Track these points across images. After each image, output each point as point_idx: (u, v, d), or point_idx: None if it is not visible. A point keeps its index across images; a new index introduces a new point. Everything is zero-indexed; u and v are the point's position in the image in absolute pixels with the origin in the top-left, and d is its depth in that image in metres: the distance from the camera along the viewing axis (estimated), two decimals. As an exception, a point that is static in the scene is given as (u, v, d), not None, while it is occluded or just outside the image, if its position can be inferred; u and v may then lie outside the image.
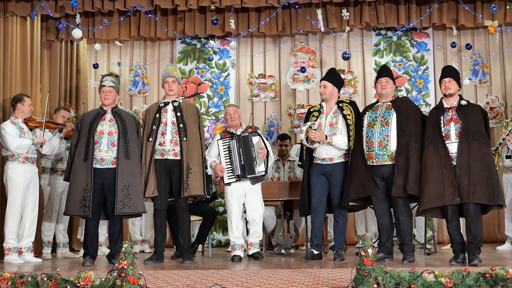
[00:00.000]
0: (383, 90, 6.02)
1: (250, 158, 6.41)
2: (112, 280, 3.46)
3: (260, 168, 6.43)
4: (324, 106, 6.30)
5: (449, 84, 5.72)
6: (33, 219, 6.70)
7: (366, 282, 3.42)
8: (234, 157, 6.44)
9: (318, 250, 6.16)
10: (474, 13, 8.35)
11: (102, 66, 9.35)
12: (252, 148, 6.43)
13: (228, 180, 6.47)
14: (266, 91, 9.43)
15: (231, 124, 6.61)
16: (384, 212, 5.93)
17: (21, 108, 6.72)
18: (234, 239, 6.46)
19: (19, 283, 3.80)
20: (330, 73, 6.44)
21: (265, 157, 6.46)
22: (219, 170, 6.42)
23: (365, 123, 5.99)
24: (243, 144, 6.44)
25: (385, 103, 5.99)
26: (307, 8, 8.56)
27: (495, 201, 5.42)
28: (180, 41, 9.51)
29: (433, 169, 5.52)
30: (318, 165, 6.19)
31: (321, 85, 6.28)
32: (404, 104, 5.99)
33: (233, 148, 6.46)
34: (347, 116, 6.15)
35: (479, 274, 3.51)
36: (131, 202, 6.00)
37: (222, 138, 6.57)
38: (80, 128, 6.20)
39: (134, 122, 6.34)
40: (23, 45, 8.01)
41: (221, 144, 6.53)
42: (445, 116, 5.66)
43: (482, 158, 5.45)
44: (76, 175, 6.05)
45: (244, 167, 6.40)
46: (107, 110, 6.25)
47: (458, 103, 5.69)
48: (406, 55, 9.32)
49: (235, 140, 6.46)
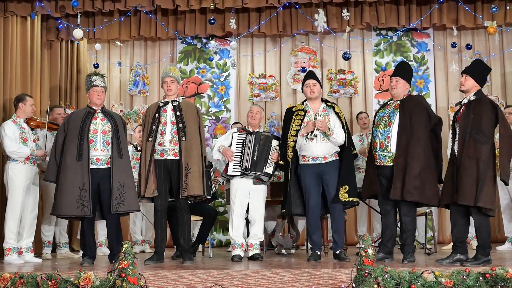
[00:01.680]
0: (392, 91, 6.00)
1: (263, 157, 6.40)
2: (112, 280, 3.46)
3: (268, 169, 6.42)
4: (309, 105, 6.31)
5: (464, 80, 5.66)
6: (33, 219, 6.71)
7: (367, 282, 3.42)
8: (248, 150, 6.42)
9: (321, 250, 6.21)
10: (474, 13, 8.36)
11: (102, 66, 9.34)
12: (269, 148, 6.44)
13: (232, 172, 6.46)
14: (267, 91, 9.43)
15: (250, 122, 6.63)
16: (388, 211, 5.92)
17: (23, 107, 6.72)
18: (235, 238, 6.45)
19: (19, 283, 3.80)
20: (314, 73, 6.48)
21: (277, 160, 6.47)
22: (230, 155, 6.43)
23: (375, 122, 6.02)
24: (260, 141, 6.44)
25: (395, 102, 5.97)
26: (308, 8, 8.57)
27: (475, 202, 5.26)
28: (180, 41, 9.51)
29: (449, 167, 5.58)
30: (310, 165, 6.14)
31: (311, 84, 6.27)
32: (411, 104, 5.88)
33: (249, 142, 6.45)
34: (339, 114, 6.23)
35: (479, 274, 3.51)
36: (126, 201, 6.03)
37: (239, 132, 6.59)
38: (67, 128, 6.16)
39: (122, 121, 6.39)
40: (23, 45, 8.01)
41: (236, 137, 6.54)
42: (458, 113, 5.66)
43: (473, 156, 5.35)
44: (68, 175, 6.00)
45: (254, 163, 6.39)
46: (97, 109, 6.25)
47: (469, 99, 5.60)
48: (407, 55, 9.32)
49: (253, 135, 6.47)
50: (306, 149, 6.16)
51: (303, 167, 6.19)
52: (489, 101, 5.63)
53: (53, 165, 6.13)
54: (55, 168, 6.10)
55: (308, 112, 6.26)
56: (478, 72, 5.68)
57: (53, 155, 6.17)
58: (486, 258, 5.37)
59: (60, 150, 6.11)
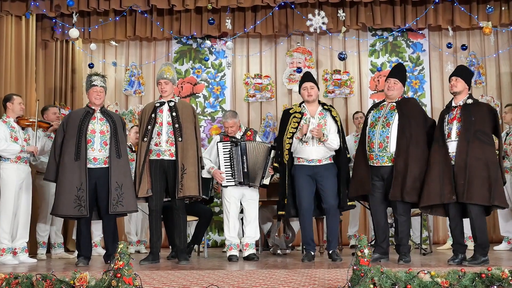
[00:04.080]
0: (389, 92, 5.99)
1: (258, 168, 6.40)
2: (108, 281, 3.45)
3: (265, 181, 6.45)
4: (306, 107, 6.30)
5: (455, 83, 5.69)
6: (26, 219, 6.67)
7: (363, 282, 3.41)
8: (236, 164, 6.41)
9: (315, 250, 6.19)
10: (469, 14, 8.37)
11: (97, 66, 9.31)
12: (267, 160, 6.44)
13: (227, 183, 6.47)
14: (262, 91, 9.42)
15: (229, 132, 6.57)
16: (380, 212, 5.93)
17: (11, 107, 6.69)
18: (230, 239, 6.45)
19: (14, 284, 3.78)
20: (311, 75, 6.48)
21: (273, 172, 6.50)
22: (220, 179, 6.44)
23: (368, 123, 6.00)
24: (247, 151, 6.42)
25: (390, 103, 5.97)
26: (303, 8, 8.57)
27: (491, 201, 5.34)
28: (176, 41, 9.50)
29: (435, 166, 5.53)
30: (304, 166, 6.14)
31: (308, 87, 6.26)
32: (409, 106, 5.93)
33: (235, 154, 6.43)
34: (336, 117, 6.21)
35: (475, 274, 3.51)
36: (124, 201, 6.02)
37: (222, 141, 6.56)
38: (66, 128, 6.16)
39: (121, 121, 6.37)
40: (18, 44, 7.99)
41: (221, 148, 6.51)
42: (450, 115, 5.66)
43: (481, 157, 5.37)
44: (66, 174, 6.00)
45: (247, 175, 6.39)
46: (96, 109, 6.24)
47: (465, 102, 5.64)
48: (402, 56, 9.33)
49: (239, 148, 6.43)
50: (302, 152, 6.16)
51: (297, 168, 6.19)
52: (488, 105, 5.84)
53: (52, 165, 6.13)
54: (55, 168, 6.10)
55: (305, 114, 6.26)
56: (466, 75, 5.77)
57: (53, 155, 6.17)
58: (484, 258, 5.38)
59: (59, 149, 6.11)
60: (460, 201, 5.40)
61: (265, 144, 6.63)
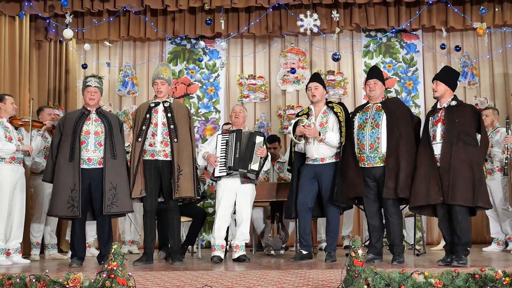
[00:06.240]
0: (371, 93, 6.03)
1: (246, 154, 6.37)
2: (102, 281, 3.44)
3: (253, 166, 6.37)
4: (313, 108, 6.32)
5: (436, 87, 5.73)
6: (20, 220, 6.64)
7: (356, 283, 3.41)
8: (230, 150, 6.38)
9: (307, 250, 6.15)
10: (463, 15, 8.41)
11: (91, 66, 9.31)
12: (253, 145, 6.41)
13: (218, 173, 6.43)
14: (256, 92, 9.42)
15: (234, 121, 6.59)
16: (374, 213, 5.94)
17: (4, 107, 6.66)
18: (215, 239, 6.41)
19: (7, 285, 3.77)
20: (318, 76, 6.52)
21: (263, 156, 6.44)
22: (213, 161, 6.41)
23: (356, 125, 6.01)
24: (242, 138, 6.41)
25: (375, 104, 6.00)
26: (297, 9, 8.58)
27: (474, 202, 5.35)
28: (170, 41, 9.49)
29: (422, 168, 5.55)
30: (309, 165, 6.19)
31: (312, 87, 6.28)
32: (395, 105, 5.99)
33: (230, 141, 6.42)
34: (338, 114, 6.19)
35: (469, 275, 3.51)
36: (119, 202, 6.01)
37: (223, 134, 6.58)
38: (62, 129, 6.17)
39: (118, 122, 6.36)
40: (12, 45, 7.97)
41: (220, 139, 6.51)
42: (435, 117, 5.69)
43: (465, 158, 5.39)
44: (61, 175, 6.01)
45: (237, 160, 6.35)
46: (92, 110, 6.23)
47: (449, 104, 5.67)
48: (396, 57, 9.35)
49: (235, 134, 6.43)
50: (307, 152, 6.22)
51: (304, 168, 6.24)
52: (472, 107, 5.86)
53: (50, 166, 6.15)
54: (52, 169, 6.11)
55: (311, 115, 6.28)
56: (448, 78, 5.78)
57: (50, 156, 6.18)
58: (466, 256, 5.43)
59: (56, 150, 6.11)
60: (446, 202, 5.42)
61: (256, 132, 6.62)
